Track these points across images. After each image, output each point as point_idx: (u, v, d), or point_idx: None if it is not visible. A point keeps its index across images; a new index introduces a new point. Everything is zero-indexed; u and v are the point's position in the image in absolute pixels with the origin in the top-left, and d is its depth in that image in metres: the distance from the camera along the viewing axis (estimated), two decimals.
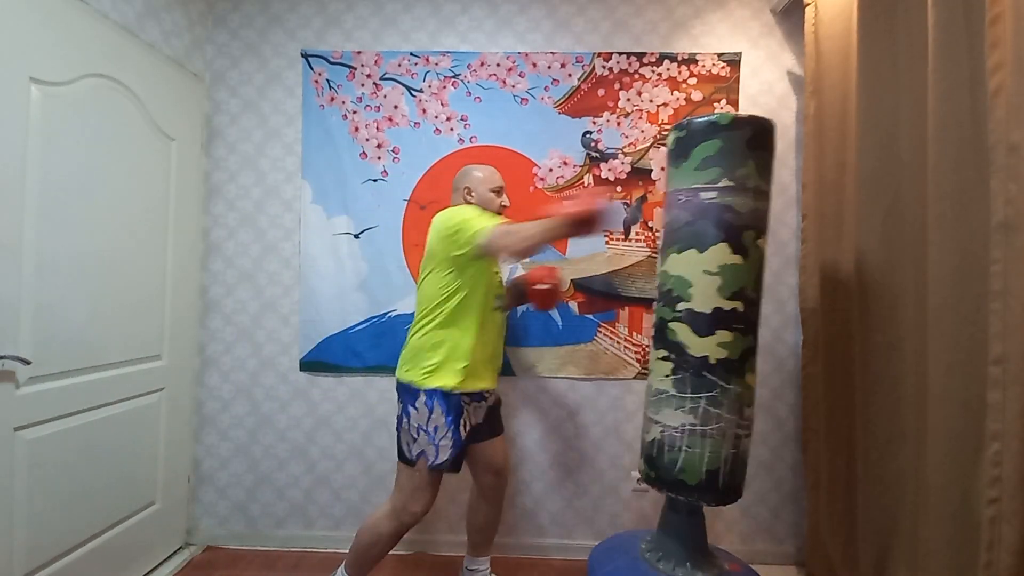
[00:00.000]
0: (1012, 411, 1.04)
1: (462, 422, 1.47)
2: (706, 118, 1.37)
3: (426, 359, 1.47)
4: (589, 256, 2.02)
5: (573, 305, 2.03)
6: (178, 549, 1.99)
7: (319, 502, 2.07)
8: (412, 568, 1.94)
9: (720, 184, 1.33)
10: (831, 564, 1.70)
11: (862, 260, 1.55)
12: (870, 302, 1.53)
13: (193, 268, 2.03)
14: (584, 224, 1.27)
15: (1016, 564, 1.03)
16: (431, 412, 1.44)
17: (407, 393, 1.48)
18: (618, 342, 2.02)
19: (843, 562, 1.64)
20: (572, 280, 2.02)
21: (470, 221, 1.41)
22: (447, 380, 1.45)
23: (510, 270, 1.96)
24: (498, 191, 1.59)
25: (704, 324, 1.35)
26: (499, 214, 1.57)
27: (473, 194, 1.56)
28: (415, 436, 1.45)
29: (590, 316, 2.02)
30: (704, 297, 1.35)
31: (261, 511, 2.08)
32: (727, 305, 1.34)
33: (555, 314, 2.02)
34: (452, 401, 1.45)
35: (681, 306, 1.38)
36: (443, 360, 1.46)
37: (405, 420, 1.48)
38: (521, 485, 2.05)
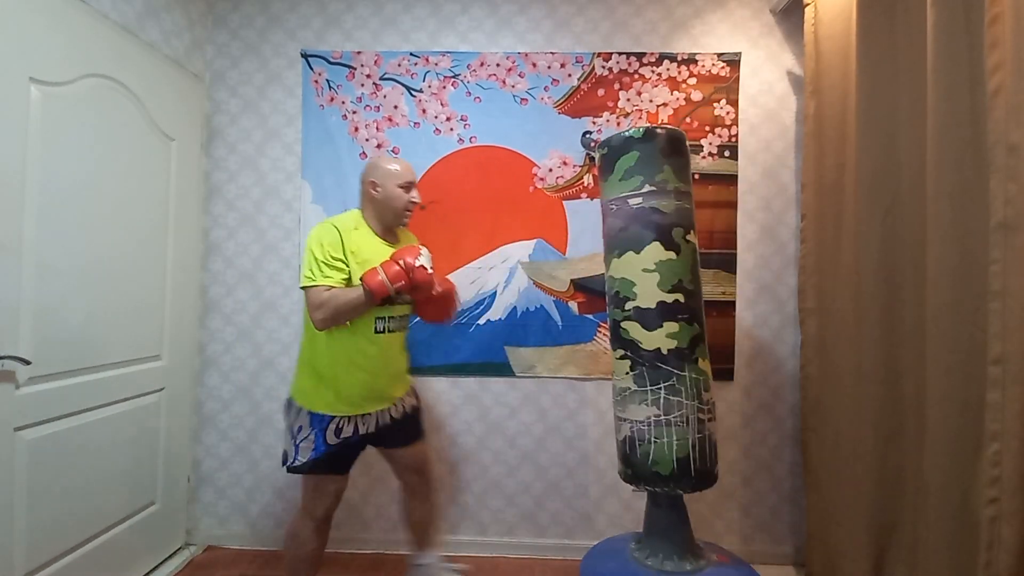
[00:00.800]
0: (1011, 411, 1.04)
1: (331, 429, 1.43)
2: (622, 134, 1.51)
3: (302, 377, 1.48)
4: (589, 256, 2.02)
5: (573, 305, 2.03)
6: (178, 549, 1.99)
7: None
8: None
9: (643, 190, 1.46)
10: (830, 564, 1.70)
11: (862, 260, 1.55)
12: (869, 302, 1.53)
13: (193, 268, 2.03)
14: (388, 295, 1.34)
15: (1015, 564, 1.03)
16: (298, 413, 1.45)
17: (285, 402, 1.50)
18: None
19: (842, 562, 1.64)
20: (572, 280, 2.02)
21: (309, 263, 1.38)
22: (317, 406, 1.44)
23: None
24: (407, 187, 1.49)
25: (651, 318, 1.45)
26: (408, 211, 1.51)
27: (379, 188, 1.47)
28: (285, 437, 1.47)
29: (590, 316, 2.02)
30: (647, 293, 1.45)
31: (261, 511, 2.08)
32: (668, 298, 1.44)
33: (555, 314, 2.02)
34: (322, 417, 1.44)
35: (629, 305, 1.48)
36: (314, 386, 1.45)
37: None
38: (521, 485, 2.05)
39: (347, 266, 1.39)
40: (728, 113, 2.01)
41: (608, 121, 2.02)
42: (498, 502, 2.04)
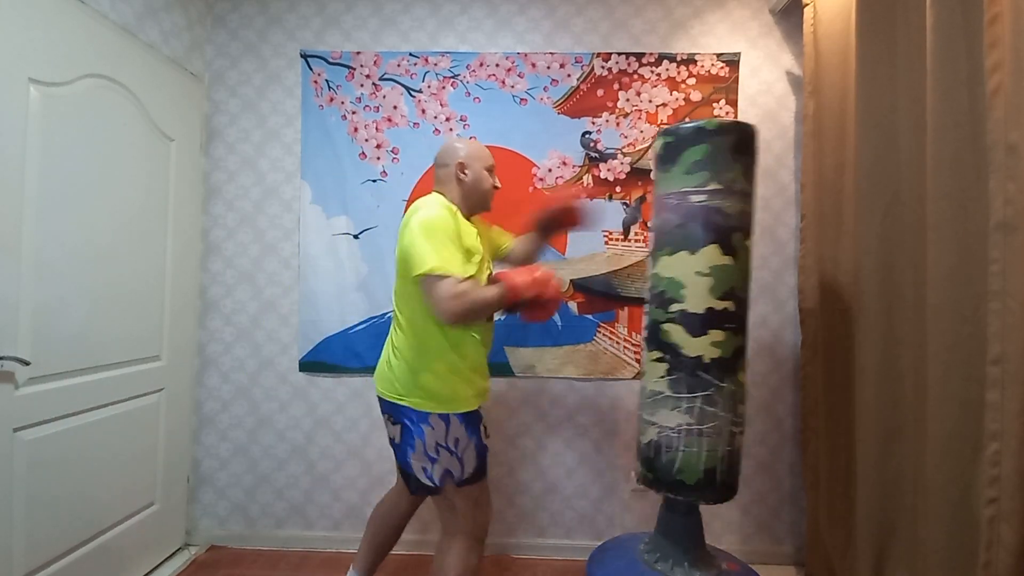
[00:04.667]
0: (1011, 411, 1.04)
1: (481, 425, 1.36)
2: (693, 124, 1.41)
3: (430, 380, 1.29)
4: (589, 256, 2.02)
5: (573, 305, 2.03)
6: (178, 550, 1.99)
7: (318, 503, 2.07)
8: (413, 568, 1.94)
9: (709, 187, 1.37)
10: (830, 564, 1.70)
11: (861, 260, 1.55)
12: (869, 302, 1.53)
13: (192, 268, 2.03)
14: (529, 305, 1.27)
15: (1015, 564, 1.03)
16: (446, 423, 1.29)
17: (412, 414, 1.30)
18: (617, 342, 2.02)
19: (842, 562, 1.64)
20: (572, 280, 2.02)
21: (434, 247, 1.18)
22: (461, 405, 1.31)
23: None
24: (491, 169, 1.41)
25: (697, 324, 1.38)
26: (490, 197, 1.43)
27: (467, 171, 1.36)
28: (437, 457, 1.29)
29: (590, 316, 2.02)
30: (697, 298, 1.38)
31: (260, 512, 2.08)
32: (719, 305, 1.37)
33: (555, 314, 2.02)
34: (472, 415, 1.34)
35: (674, 307, 1.40)
36: (449, 385, 1.30)
37: (418, 442, 1.29)
38: (521, 485, 2.05)
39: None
40: (727, 113, 2.01)
41: (607, 121, 2.02)
42: (498, 502, 2.04)
